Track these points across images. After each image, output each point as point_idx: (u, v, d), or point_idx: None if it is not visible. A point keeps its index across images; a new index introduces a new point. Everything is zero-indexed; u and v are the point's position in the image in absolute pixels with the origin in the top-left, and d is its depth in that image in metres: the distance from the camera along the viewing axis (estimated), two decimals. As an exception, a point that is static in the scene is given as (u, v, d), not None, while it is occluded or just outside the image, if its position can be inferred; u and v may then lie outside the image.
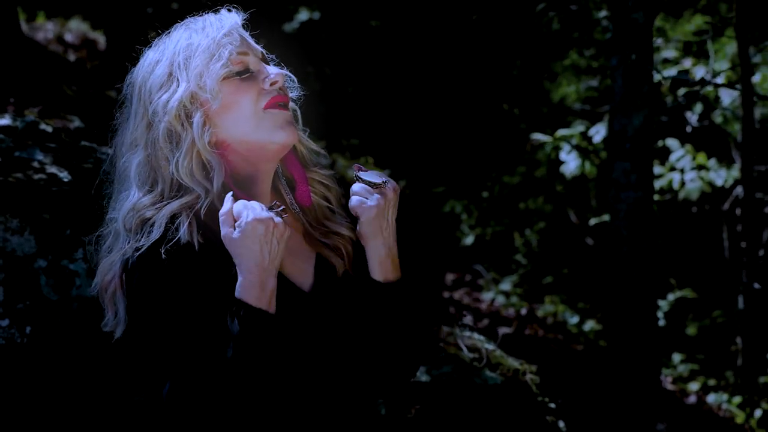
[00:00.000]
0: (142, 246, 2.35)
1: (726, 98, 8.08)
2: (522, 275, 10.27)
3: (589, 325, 9.24)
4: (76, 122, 4.76)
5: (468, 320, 7.79)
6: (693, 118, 8.80)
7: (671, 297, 9.35)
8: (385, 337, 2.54)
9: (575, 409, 6.47)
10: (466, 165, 11.67)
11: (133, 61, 2.56)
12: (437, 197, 11.35)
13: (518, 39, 10.38)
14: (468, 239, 10.82)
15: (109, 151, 2.59)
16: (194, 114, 2.44)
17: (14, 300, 3.69)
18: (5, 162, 4.01)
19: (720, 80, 7.47)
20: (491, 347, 5.04)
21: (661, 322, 9.14)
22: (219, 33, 2.46)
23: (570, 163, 7.93)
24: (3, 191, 3.84)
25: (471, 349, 4.91)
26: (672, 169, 8.08)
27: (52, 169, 4.05)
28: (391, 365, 2.57)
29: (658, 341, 5.74)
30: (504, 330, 8.35)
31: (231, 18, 2.51)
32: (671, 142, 8.22)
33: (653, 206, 5.57)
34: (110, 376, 3.73)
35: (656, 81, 5.80)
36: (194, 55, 2.44)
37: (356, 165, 2.59)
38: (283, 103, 2.50)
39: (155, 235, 2.35)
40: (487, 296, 9.72)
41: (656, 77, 5.76)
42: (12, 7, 5.23)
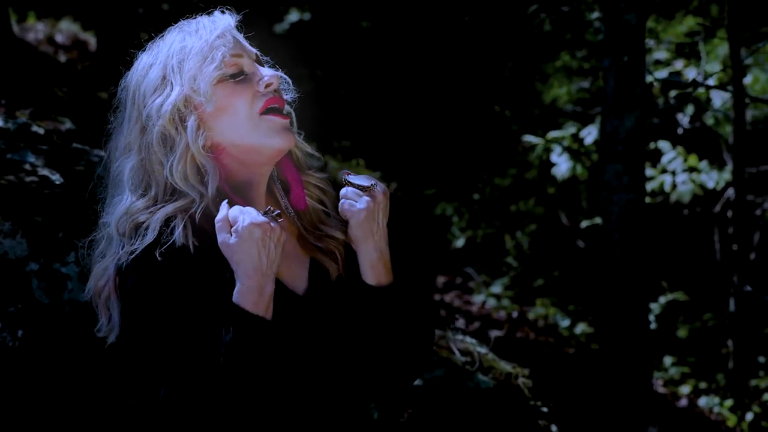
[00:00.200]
0: (136, 250, 2.33)
1: (717, 100, 8.10)
2: (513, 278, 10.28)
3: (581, 328, 9.25)
4: (68, 124, 4.75)
5: (460, 324, 7.79)
6: (684, 120, 8.80)
7: (663, 300, 9.36)
8: (379, 342, 2.52)
9: (567, 413, 6.47)
10: (457, 167, 11.67)
11: (126, 64, 2.55)
12: (428, 199, 11.35)
13: (510, 40, 10.37)
14: (459, 241, 10.82)
15: (102, 154, 2.58)
16: (188, 118, 2.42)
17: (6, 303, 3.67)
18: (-3, 164, 3.99)
19: (711, 82, 7.47)
20: (484, 351, 5.03)
21: (653, 325, 9.15)
22: (212, 35, 2.44)
23: (561, 165, 7.93)
24: (-6, 194, 3.82)
25: (463, 353, 4.90)
26: (663, 171, 8.09)
27: (44, 172, 4.03)
28: (387, 370, 2.55)
29: (650, 344, 5.74)
30: (495, 333, 8.34)
31: (224, 20, 2.50)
32: (662, 144, 8.23)
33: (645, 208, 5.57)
34: (102, 380, 3.71)
35: (648, 82, 5.80)
36: (188, 58, 2.43)
37: (345, 171, 2.58)
38: (280, 109, 2.49)
39: (149, 239, 2.34)
40: (478, 299, 9.72)
41: (648, 78, 5.76)
42: (3, 8, 5.22)
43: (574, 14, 8.65)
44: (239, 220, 2.30)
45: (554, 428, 4.77)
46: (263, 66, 2.55)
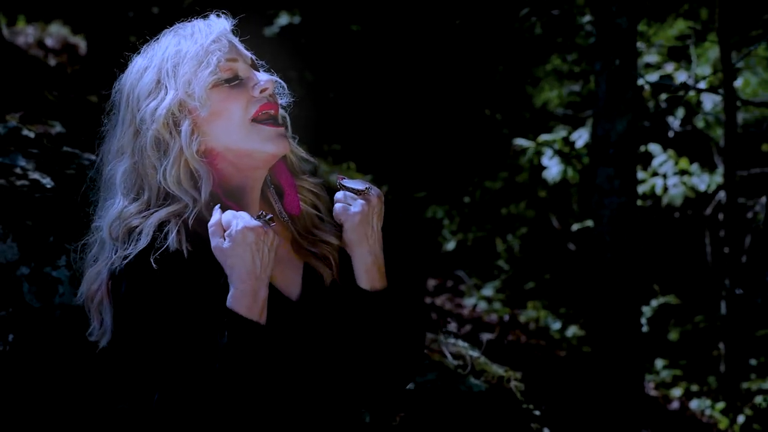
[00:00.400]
0: (130, 255, 2.32)
1: (708, 103, 8.11)
2: (504, 281, 10.28)
3: (572, 331, 9.25)
4: (58, 128, 4.73)
5: (452, 327, 7.78)
6: (675, 123, 8.81)
7: (654, 303, 9.37)
8: (372, 346, 2.51)
9: (559, 416, 6.47)
10: (448, 170, 11.67)
11: (119, 67, 2.54)
12: (419, 202, 11.34)
13: (500, 44, 10.37)
14: (450, 245, 10.81)
15: (92, 157, 2.57)
16: (182, 122, 2.41)
17: (-4, 308, 3.66)
18: (-13, 168, 3.98)
19: (702, 85, 7.49)
20: (475, 354, 5.02)
21: (644, 328, 9.15)
22: (207, 39, 2.43)
23: (552, 169, 7.94)
24: (-15, 198, 3.81)
25: (455, 356, 4.90)
26: (655, 175, 8.10)
27: (35, 176, 4.02)
28: (379, 374, 2.55)
29: (641, 347, 5.74)
30: (487, 336, 8.34)
31: (220, 24, 2.48)
32: (653, 147, 8.23)
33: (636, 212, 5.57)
34: (94, 384, 3.70)
35: (639, 85, 5.81)
36: (182, 62, 2.41)
37: (338, 174, 2.57)
38: (274, 116, 2.48)
39: (143, 244, 2.33)
40: (469, 302, 9.72)
41: (639, 82, 5.77)
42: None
43: (565, 18, 8.66)
44: (232, 225, 2.29)
45: (546, 431, 4.76)
46: (259, 70, 2.54)
